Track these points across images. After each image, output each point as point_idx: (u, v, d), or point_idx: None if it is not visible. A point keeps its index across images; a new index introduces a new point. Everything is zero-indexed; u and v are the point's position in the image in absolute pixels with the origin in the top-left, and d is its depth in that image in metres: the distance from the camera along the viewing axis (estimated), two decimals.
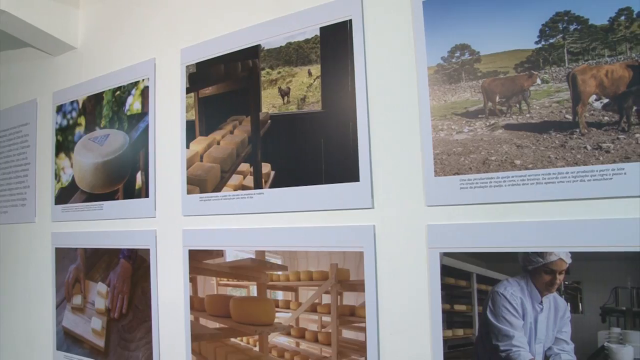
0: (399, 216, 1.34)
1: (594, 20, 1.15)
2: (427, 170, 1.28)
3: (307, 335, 1.50)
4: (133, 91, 2.02)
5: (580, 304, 1.14)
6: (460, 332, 1.26)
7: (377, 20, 1.41)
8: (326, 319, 1.46)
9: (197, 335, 1.75)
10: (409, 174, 1.32)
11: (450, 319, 1.27)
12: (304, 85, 1.55)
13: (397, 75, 1.36)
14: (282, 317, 1.56)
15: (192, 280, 1.78)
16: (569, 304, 1.15)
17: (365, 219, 1.39)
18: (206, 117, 1.77)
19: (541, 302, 1.18)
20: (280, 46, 1.61)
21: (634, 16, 1.12)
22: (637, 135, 1.10)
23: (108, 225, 2.09)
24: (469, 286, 1.25)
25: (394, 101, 1.36)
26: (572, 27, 1.17)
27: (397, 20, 1.38)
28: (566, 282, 1.14)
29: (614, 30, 1.14)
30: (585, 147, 1.13)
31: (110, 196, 2.07)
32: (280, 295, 1.56)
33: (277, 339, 1.56)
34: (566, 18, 1.17)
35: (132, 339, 1.96)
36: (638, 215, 1.08)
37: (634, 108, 1.12)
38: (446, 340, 1.26)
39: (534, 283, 1.18)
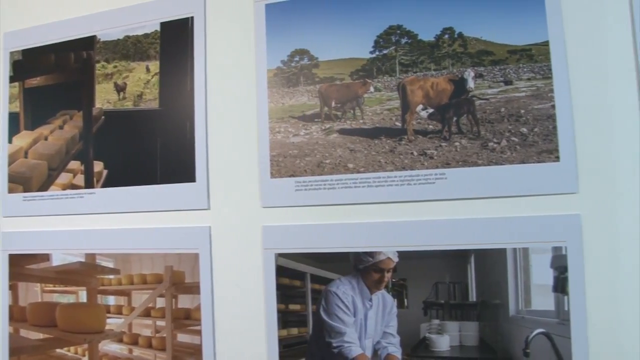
0: (235, 217, 1.33)
1: (423, 36, 1.23)
2: (263, 171, 1.29)
3: (140, 341, 1.43)
4: None
5: (405, 300, 1.21)
6: (295, 331, 1.28)
7: (220, 19, 1.40)
8: (161, 323, 1.41)
9: (17, 349, 1.60)
10: (246, 175, 1.32)
11: (285, 319, 1.28)
12: (141, 82, 1.49)
13: (236, 76, 1.36)
14: (113, 323, 1.48)
15: (13, 287, 1.63)
16: (395, 300, 1.22)
17: (201, 220, 1.36)
18: (32, 109, 1.63)
19: (371, 299, 1.23)
20: (118, 39, 1.53)
21: (455, 36, 1.22)
22: (456, 143, 1.19)
23: None
24: (303, 286, 1.27)
25: (233, 102, 1.35)
26: (403, 41, 1.24)
27: (240, 21, 1.37)
28: (393, 280, 1.21)
29: (439, 46, 1.23)
30: (412, 153, 1.20)
31: None
32: (112, 300, 1.48)
33: (108, 346, 1.48)
34: (398, 32, 1.24)
35: None
36: (457, 216, 1.17)
37: (454, 119, 1.21)
38: (281, 340, 1.27)
39: (364, 281, 1.23)
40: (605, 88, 1.16)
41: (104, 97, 1.52)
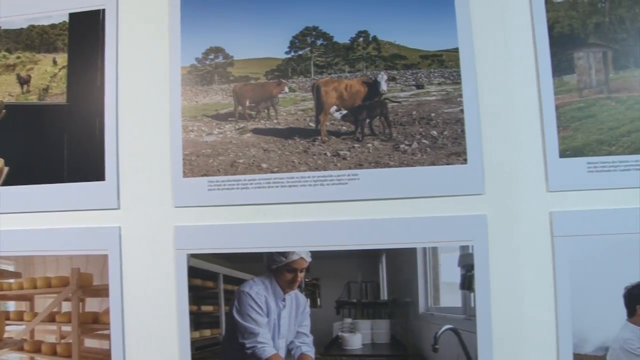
0: (146, 217, 1.29)
1: (338, 38, 1.24)
2: (175, 170, 1.26)
3: (43, 349, 1.37)
4: None
5: (318, 299, 1.22)
6: (207, 332, 1.26)
7: (133, 13, 1.36)
8: (66, 328, 1.35)
9: None
10: (158, 174, 1.29)
11: (197, 320, 1.26)
12: (47, 75, 1.42)
13: (149, 73, 1.32)
14: (13, 330, 1.40)
15: None
16: (308, 299, 1.22)
17: (111, 220, 1.31)
18: None
19: (284, 299, 1.23)
20: (21, 28, 1.45)
21: (370, 39, 1.24)
22: (369, 144, 1.21)
23: None
24: (216, 287, 1.25)
25: (145, 99, 1.31)
26: (319, 42, 1.24)
27: (154, 15, 1.34)
28: (306, 280, 1.21)
29: (353, 49, 1.24)
30: (325, 154, 1.21)
31: None
32: (12, 306, 1.40)
33: (7, 355, 1.40)
34: (314, 33, 1.24)
35: None
36: (369, 216, 1.19)
37: (367, 120, 1.23)
38: (194, 342, 1.25)
39: (277, 281, 1.22)
40: (510, 94, 1.21)
41: (6, 90, 1.44)
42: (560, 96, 1.22)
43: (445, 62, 1.23)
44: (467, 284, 1.20)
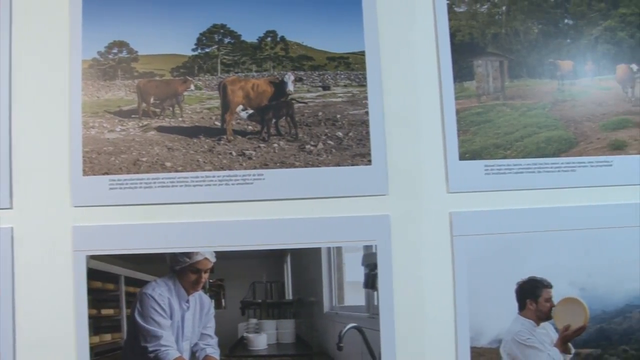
0: (42, 217, 1.23)
1: (246, 37, 1.23)
2: (74, 169, 1.21)
3: None
4: None
5: (223, 300, 1.21)
6: (108, 337, 1.22)
7: (30, 2, 1.28)
8: None
9: None
10: (55, 172, 1.23)
11: (97, 324, 1.21)
12: None
13: (47, 66, 1.26)
14: None
15: None
16: (213, 300, 1.20)
17: (3, 220, 1.24)
18: None
19: (188, 301, 1.21)
20: None
21: (278, 39, 1.24)
22: (274, 144, 1.21)
23: None
24: (117, 289, 1.21)
25: (42, 93, 1.25)
26: (226, 40, 1.23)
27: (53, 5, 1.27)
28: (211, 280, 1.20)
29: (261, 48, 1.24)
30: (231, 153, 1.20)
31: None
32: None
33: None
34: (222, 31, 1.23)
35: None
36: (274, 216, 1.19)
37: (273, 120, 1.23)
38: (93, 347, 1.20)
39: (180, 282, 1.20)
40: (414, 98, 1.25)
41: None
42: (460, 101, 1.27)
43: (352, 65, 1.25)
44: (370, 282, 1.22)
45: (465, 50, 1.31)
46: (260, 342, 1.23)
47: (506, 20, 1.35)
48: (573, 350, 1.28)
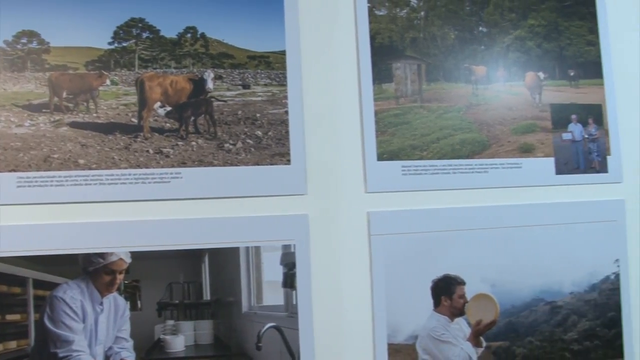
0: None
1: (165, 32, 1.21)
2: None
3: None
4: None
5: (139, 301, 1.17)
6: (13, 344, 1.16)
7: None
8: None
9: None
10: None
11: (2, 331, 1.15)
12: None
13: None
14: None
15: None
16: (128, 302, 1.17)
17: None
18: None
19: (102, 303, 1.17)
20: None
21: (198, 36, 1.22)
22: (193, 143, 1.19)
23: None
24: (25, 293, 1.16)
25: None
26: (144, 35, 1.20)
27: None
28: (126, 281, 1.16)
29: (181, 44, 1.21)
30: (148, 151, 1.17)
31: None
32: None
33: None
34: (140, 25, 1.20)
35: None
36: (192, 216, 1.17)
37: (192, 118, 1.21)
38: None
39: (94, 284, 1.16)
40: (333, 98, 1.26)
41: None
42: (379, 103, 1.30)
43: (272, 64, 1.25)
44: (289, 282, 1.23)
45: (384, 52, 1.33)
46: (178, 343, 1.21)
47: (424, 25, 1.39)
48: (484, 344, 1.34)
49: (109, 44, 1.20)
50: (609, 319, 1.47)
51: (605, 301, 1.47)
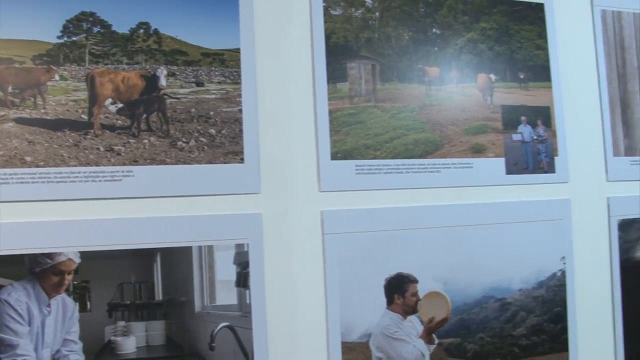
0: None
1: (117, 27, 1.18)
2: None
3: None
4: None
5: (88, 303, 1.15)
6: None
7: None
8: None
9: None
10: None
11: None
12: None
13: None
14: None
15: None
16: (77, 303, 1.14)
17: None
18: None
19: (49, 305, 1.14)
20: None
21: (151, 32, 1.20)
22: (145, 140, 1.17)
23: None
24: None
25: None
26: (95, 29, 1.17)
27: None
28: (75, 282, 1.14)
29: (133, 40, 1.19)
30: (98, 148, 1.14)
31: None
32: None
33: None
34: (91, 19, 1.17)
35: None
36: (143, 215, 1.15)
37: (144, 115, 1.19)
38: None
39: (41, 285, 1.13)
40: (288, 97, 1.26)
41: None
42: (333, 102, 1.31)
43: (227, 62, 1.24)
44: (242, 281, 1.22)
45: (339, 52, 1.34)
46: (129, 345, 1.19)
47: (379, 26, 1.40)
48: (436, 341, 1.37)
49: (58, 37, 1.17)
50: (555, 314, 1.51)
51: (552, 297, 1.51)
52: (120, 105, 1.20)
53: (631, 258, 1.63)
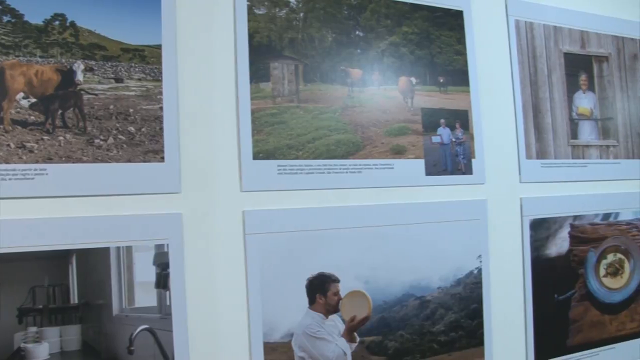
0: None
1: (30, 17, 1.13)
2: None
3: None
4: None
5: None
6: None
7: None
8: None
9: None
10: None
11: None
12: None
13: None
14: None
15: None
16: None
17: None
18: None
19: None
20: None
21: (67, 24, 1.16)
22: (60, 137, 1.13)
23: None
24: None
25: None
26: (5, 19, 1.12)
27: None
28: None
29: (47, 32, 1.15)
30: (9, 145, 1.09)
31: None
32: None
33: None
34: (1, 7, 1.11)
35: None
36: (58, 215, 1.11)
37: (59, 111, 1.15)
38: None
39: None
40: (210, 96, 1.25)
41: None
42: (256, 101, 1.30)
43: (147, 58, 1.22)
44: (162, 282, 1.20)
45: (262, 52, 1.34)
46: (41, 352, 1.14)
47: (303, 27, 1.41)
48: (358, 339, 1.39)
49: None
50: (472, 310, 1.57)
51: (469, 294, 1.57)
52: (33, 100, 1.15)
53: (541, 255, 1.72)
